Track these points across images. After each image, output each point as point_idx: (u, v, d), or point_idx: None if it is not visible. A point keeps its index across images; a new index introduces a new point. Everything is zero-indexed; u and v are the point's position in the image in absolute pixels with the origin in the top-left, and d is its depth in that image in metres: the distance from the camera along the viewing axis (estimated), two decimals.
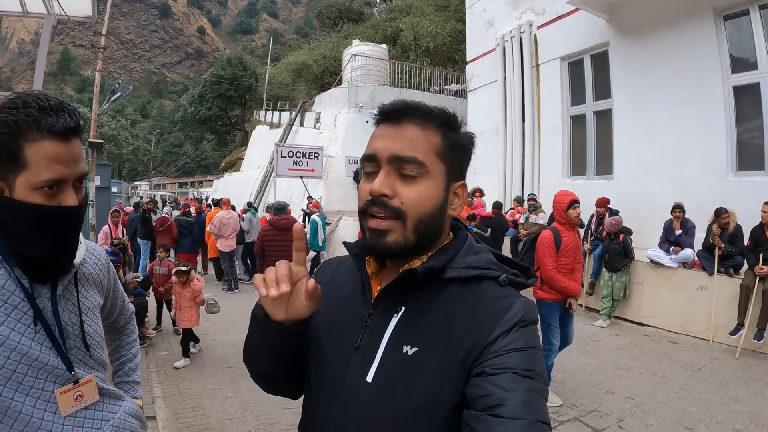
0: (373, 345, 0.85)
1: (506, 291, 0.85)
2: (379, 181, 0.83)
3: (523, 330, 0.79)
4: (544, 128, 10.42)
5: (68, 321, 1.13)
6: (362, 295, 0.92)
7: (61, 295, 1.12)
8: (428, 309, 0.84)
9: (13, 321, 1.02)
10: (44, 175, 0.99)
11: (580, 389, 4.50)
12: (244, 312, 4.87)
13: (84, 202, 1.11)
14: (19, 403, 1.01)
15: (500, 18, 11.73)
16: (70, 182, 1.05)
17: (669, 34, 7.66)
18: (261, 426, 3.77)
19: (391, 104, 0.87)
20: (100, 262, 1.31)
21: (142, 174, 62.80)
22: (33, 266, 1.07)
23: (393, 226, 0.83)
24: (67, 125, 1.01)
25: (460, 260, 0.87)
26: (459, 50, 21.91)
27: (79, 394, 1.12)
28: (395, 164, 0.83)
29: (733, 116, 7.04)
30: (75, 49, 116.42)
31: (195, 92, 44.13)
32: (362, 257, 0.94)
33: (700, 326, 6.10)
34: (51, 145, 0.99)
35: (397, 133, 0.84)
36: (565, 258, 4.16)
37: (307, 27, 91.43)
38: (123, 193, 31.45)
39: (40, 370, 1.05)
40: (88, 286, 1.24)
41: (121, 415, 1.23)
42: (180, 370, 5.05)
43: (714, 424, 3.83)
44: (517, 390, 0.72)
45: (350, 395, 0.84)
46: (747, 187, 6.63)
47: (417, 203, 0.83)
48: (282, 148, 14.53)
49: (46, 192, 1.01)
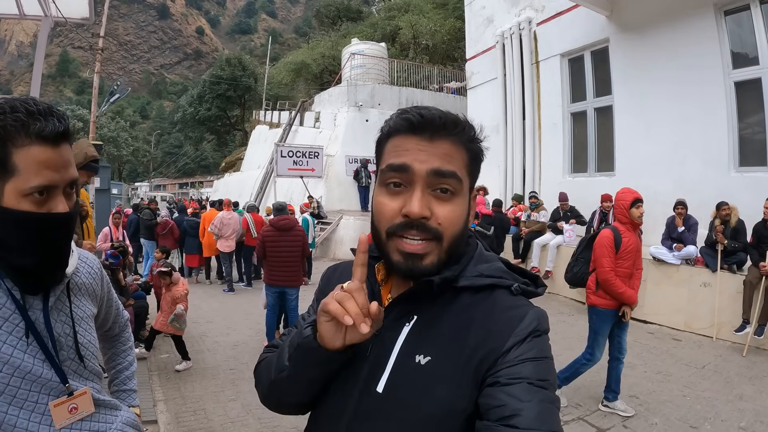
0: (384, 354, 0.83)
1: (519, 300, 0.84)
2: (418, 202, 0.79)
3: (537, 340, 0.78)
4: (545, 125, 10.39)
5: (61, 332, 1.11)
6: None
7: (53, 306, 1.10)
8: (441, 318, 0.83)
9: (4, 333, 0.99)
10: (33, 181, 0.96)
11: (583, 389, 4.47)
12: (244, 314, 4.89)
13: (75, 209, 1.08)
14: (14, 416, 0.99)
15: (499, 15, 11.69)
16: (61, 188, 1.02)
17: (669, 30, 7.63)
18: (263, 429, 3.75)
19: (423, 115, 0.81)
20: (93, 270, 1.28)
21: (142, 175, 62.88)
22: (24, 277, 1.04)
23: (430, 248, 0.80)
24: (56, 130, 0.98)
25: (472, 269, 0.86)
26: (458, 48, 21.89)
27: (74, 406, 1.09)
28: (431, 180, 0.80)
29: (734, 112, 7.01)
30: (74, 51, 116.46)
31: (194, 93, 44.13)
32: (371, 264, 0.91)
33: (704, 323, 6.07)
34: (40, 150, 0.96)
35: (432, 147, 0.81)
36: (624, 260, 3.87)
37: (306, 26, 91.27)
38: (123, 195, 31.49)
39: (34, 382, 1.03)
40: (81, 295, 1.22)
41: (118, 425, 1.21)
42: (181, 373, 5.03)
43: (719, 422, 3.81)
44: (532, 401, 0.71)
45: (359, 405, 0.82)
46: (749, 183, 6.60)
47: (453, 223, 0.81)
48: (282, 148, 14.54)
49: (36, 198, 0.98)
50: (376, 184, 0.87)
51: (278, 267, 5.68)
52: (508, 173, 11.25)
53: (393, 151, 0.83)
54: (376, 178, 0.88)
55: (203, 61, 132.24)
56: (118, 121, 47.71)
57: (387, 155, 0.84)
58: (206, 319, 7.17)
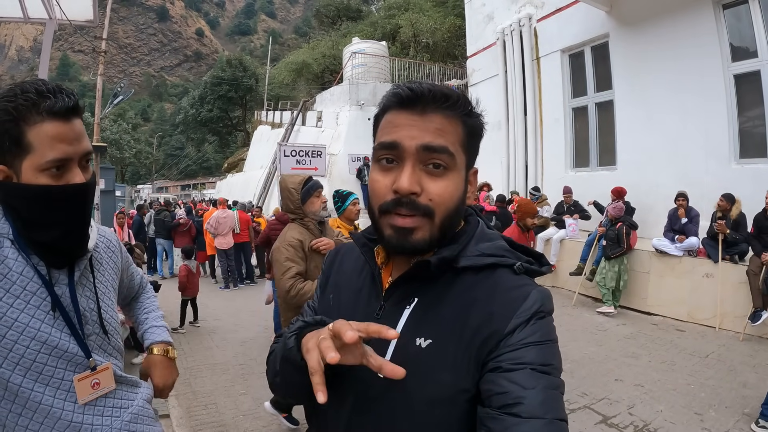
0: (385, 339, 0.81)
1: (522, 279, 0.81)
2: (408, 178, 0.77)
3: (541, 322, 0.76)
4: (546, 121, 10.42)
5: (86, 307, 1.14)
6: (372, 287, 0.89)
7: (78, 281, 1.14)
8: (442, 300, 0.81)
9: (32, 308, 1.03)
10: (49, 155, 1.01)
11: (589, 378, 4.53)
12: (251, 311, 4.96)
13: (92, 180, 1.11)
14: (39, 393, 1.03)
15: (500, 12, 11.71)
16: (76, 161, 1.06)
17: (669, 24, 7.66)
18: (274, 420, 3.81)
19: (412, 89, 0.79)
20: (112, 244, 1.33)
21: (144, 177, 62.92)
22: (47, 252, 1.08)
23: (420, 224, 0.78)
24: (66, 105, 1.02)
25: (473, 248, 0.84)
26: (459, 45, 21.88)
27: (96, 381, 1.13)
28: (422, 155, 0.78)
29: (734, 104, 7.03)
30: (74, 55, 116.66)
31: (195, 94, 44.25)
32: (371, 248, 0.92)
33: (707, 314, 6.11)
34: (52, 126, 1.01)
35: (423, 122, 0.79)
36: None
37: (306, 26, 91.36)
38: (126, 197, 31.59)
39: (60, 358, 1.06)
40: (104, 270, 1.26)
41: (139, 402, 1.24)
42: (191, 369, 5.09)
43: (723, 409, 3.86)
44: (535, 387, 0.69)
45: (362, 390, 0.81)
46: (750, 175, 6.62)
47: (445, 199, 0.79)
48: (285, 147, 14.54)
49: (53, 173, 1.02)
50: (371, 161, 0.85)
51: None
52: (511, 169, 11.28)
53: (385, 128, 0.82)
54: (371, 155, 0.86)
55: (203, 62, 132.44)
56: (120, 123, 47.74)
57: (380, 132, 0.83)
58: (214, 317, 7.24)
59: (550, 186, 9.87)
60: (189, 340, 6.13)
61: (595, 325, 6.32)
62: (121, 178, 45.47)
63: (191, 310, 6.76)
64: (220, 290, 9.63)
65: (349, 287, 0.94)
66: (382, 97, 0.86)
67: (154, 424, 1.28)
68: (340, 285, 0.96)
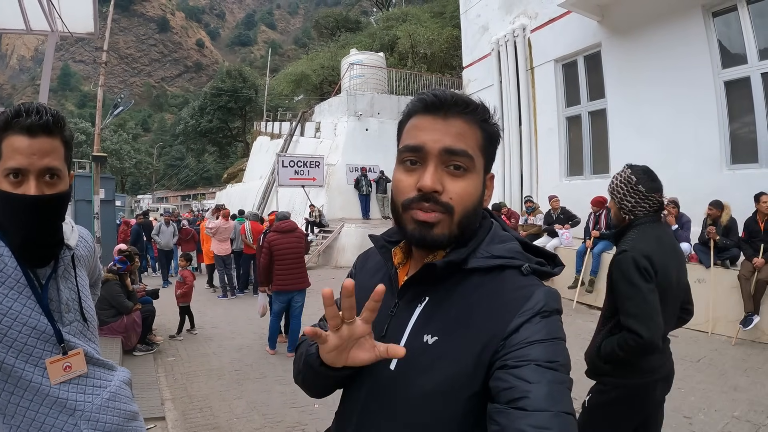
0: (398, 334, 0.87)
1: (528, 280, 0.85)
2: (431, 177, 0.82)
3: (546, 320, 0.79)
4: (541, 130, 10.54)
5: (69, 297, 1.27)
6: (389, 286, 0.92)
7: (61, 275, 1.27)
8: (450, 299, 0.86)
9: (25, 297, 1.17)
10: (8, 163, 1.14)
11: (579, 382, 4.56)
12: (248, 320, 5.04)
13: (55, 197, 1.19)
14: (30, 372, 1.15)
15: (494, 23, 11.89)
16: (33, 173, 1.15)
17: (659, 33, 7.79)
18: (267, 424, 3.86)
19: (436, 95, 0.86)
20: (89, 245, 1.46)
21: (144, 187, 63.11)
22: (23, 252, 1.19)
23: (441, 219, 0.83)
24: (33, 122, 1.14)
25: (484, 250, 0.88)
26: (456, 56, 22.04)
27: (68, 365, 1.22)
28: (444, 157, 0.84)
29: (725, 111, 7.14)
30: (75, 65, 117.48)
31: (195, 105, 44.44)
32: (388, 249, 0.98)
33: (699, 319, 6.10)
34: (16, 139, 1.14)
35: (446, 126, 0.85)
36: None
37: (305, 37, 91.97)
38: (126, 207, 31.70)
39: (39, 339, 1.17)
40: (82, 266, 1.39)
41: (117, 382, 1.35)
42: (187, 374, 5.14)
43: (713, 413, 3.88)
44: (541, 381, 0.71)
45: (375, 383, 0.87)
46: (741, 180, 6.70)
47: (464, 198, 0.84)
48: (283, 158, 14.65)
49: (11, 180, 1.14)
50: (396, 163, 0.91)
51: (286, 270, 5.71)
52: (506, 178, 11.36)
53: (410, 131, 0.88)
54: (396, 157, 0.91)
55: (204, 73, 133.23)
56: (121, 133, 47.99)
57: (405, 135, 0.89)
58: (211, 325, 7.29)
59: (545, 194, 9.93)
60: (186, 347, 6.18)
61: (587, 331, 6.31)
62: (122, 188, 45.60)
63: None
64: (218, 299, 9.67)
65: (369, 286, 0.97)
66: (407, 104, 0.92)
67: (131, 403, 1.38)
68: (361, 284, 0.99)
